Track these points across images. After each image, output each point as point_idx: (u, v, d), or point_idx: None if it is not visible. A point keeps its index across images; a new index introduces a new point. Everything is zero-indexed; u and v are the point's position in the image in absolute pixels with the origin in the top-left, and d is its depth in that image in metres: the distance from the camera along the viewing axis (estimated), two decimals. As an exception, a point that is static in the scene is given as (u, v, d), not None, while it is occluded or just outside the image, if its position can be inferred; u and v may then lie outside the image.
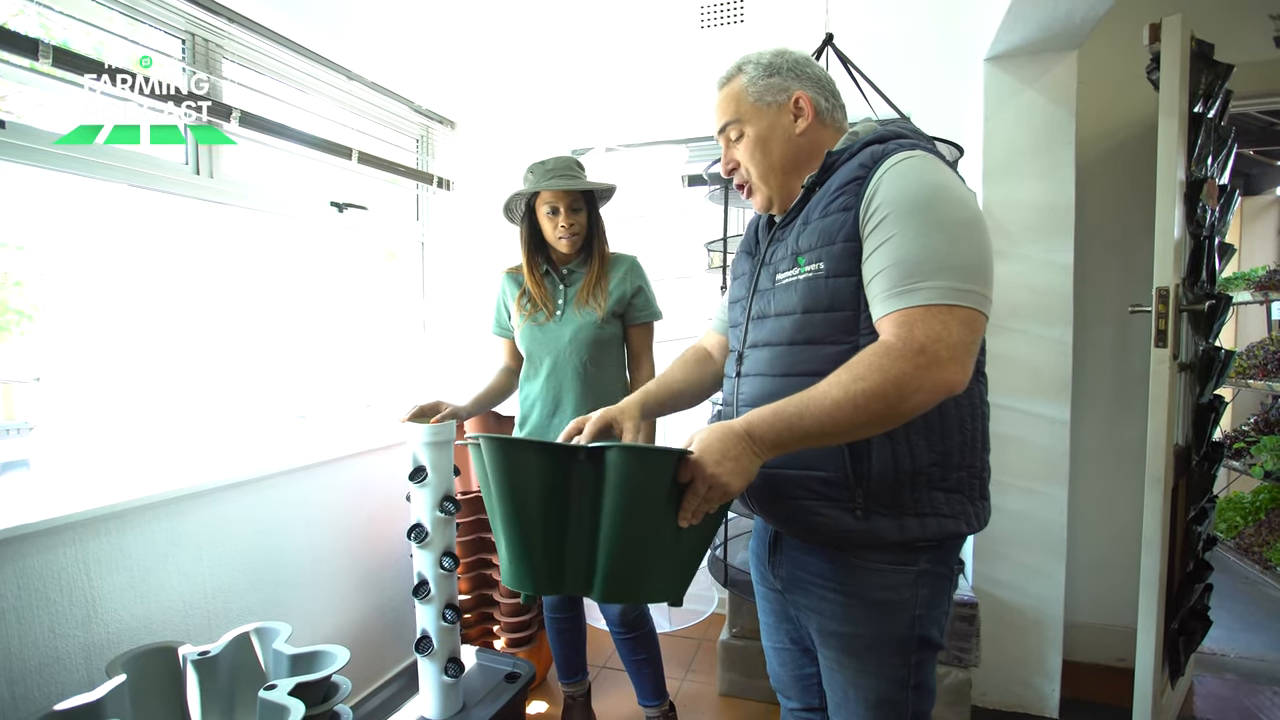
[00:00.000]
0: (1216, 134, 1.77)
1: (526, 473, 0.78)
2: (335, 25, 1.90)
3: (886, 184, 0.81)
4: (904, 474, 0.84)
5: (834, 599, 0.90)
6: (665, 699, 1.76)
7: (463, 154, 2.57)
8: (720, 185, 2.06)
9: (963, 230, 0.78)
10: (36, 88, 1.33)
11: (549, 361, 1.62)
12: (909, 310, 0.76)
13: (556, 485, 0.78)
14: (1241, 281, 2.33)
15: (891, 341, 0.75)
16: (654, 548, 0.78)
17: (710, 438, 0.76)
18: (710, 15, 2.34)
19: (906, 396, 0.73)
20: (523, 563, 0.81)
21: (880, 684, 0.89)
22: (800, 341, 0.88)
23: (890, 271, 0.78)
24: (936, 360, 0.73)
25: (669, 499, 0.77)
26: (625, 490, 0.75)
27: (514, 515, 0.79)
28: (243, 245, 1.78)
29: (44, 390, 1.42)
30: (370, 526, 1.94)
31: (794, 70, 0.95)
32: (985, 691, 1.96)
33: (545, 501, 0.78)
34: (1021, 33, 1.71)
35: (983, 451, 0.89)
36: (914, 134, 0.92)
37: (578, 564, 0.80)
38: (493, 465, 0.79)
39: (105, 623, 1.28)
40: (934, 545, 0.87)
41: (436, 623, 1.55)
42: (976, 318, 0.76)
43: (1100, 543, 2.17)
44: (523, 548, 0.80)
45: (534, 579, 0.81)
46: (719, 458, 0.75)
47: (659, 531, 0.78)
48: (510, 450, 0.79)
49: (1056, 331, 1.87)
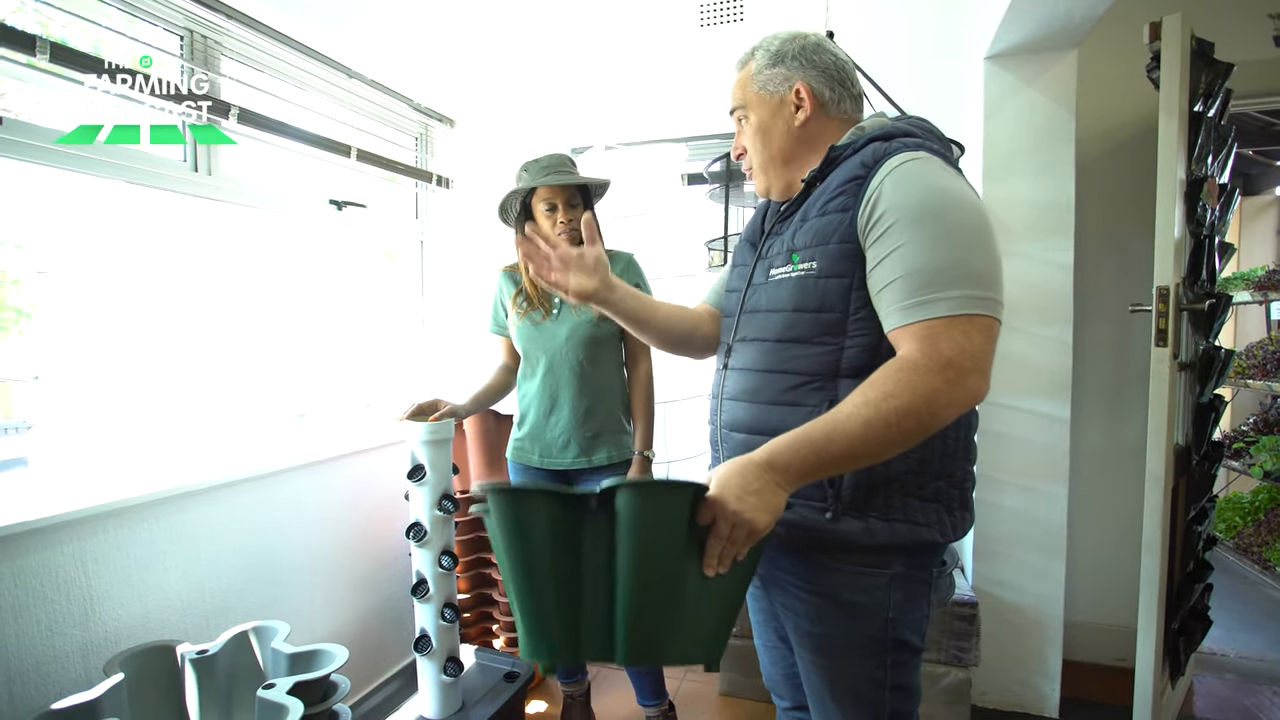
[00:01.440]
0: (1216, 133, 1.76)
1: (535, 527, 0.72)
2: (334, 22, 1.89)
3: (890, 188, 0.79)
4: (877, 479, 0.83)
5: (807, 599, 0.90)
6: (664, 698, 1.76)
7: (462, 152, 2.57)
8: (720, 183, 2.06)
9: (976, 237, 0.77)
10: (35, 84, 1.33)
11: (545, 360, 1.62)
12: (931, 322, 0.74)
13: (569, 540, 0.73)
14: (1241, 281, 2.33)
15: (916, 357, 0.73)
16: (677, 599, 0.72)
17: (729, 473, 0.72)
18: (710, 13, 2.34)
19: (937, 412, 0.72)
20: (538, 631, 0.74)
21: (856, 684, 0.89)
22: (788, 339, 0.87)
23: (904, 282, 0.76)
24: (963, 373, 0.72)
25: (689, 543, 0.71)
26: (638, 534, 0.70)
27: (525, 577, 0.73)
28: (242, 243, 1.78)
29: (42, 388, 1.41)
30: (369, 525, 1.94)
31: (800, 58, 0.94)
32: (985, 691, 1.96)
33: (556, 560, 0.73)
34: (1022, 31, 1.71)
35: (964, 461, 0.88)
36: (923, 132, 0.89)
37: (597, 626, 0.74)
38: (500, 521, 0.74)
39: (103, 621, 1.27)
40: (906, 550, 0.85)
41: (435, 622, 1.54)
42: (994, 325, 0.76)
43: (1100, 542, 2.17)
44: (537, 614, 0.74)
45: (551, 648, 0.74)
46: (740, 493, 0.70)
47: (682, 581, 0.71)
48: (517, 503, 0.73)
49: (1056, 330, 1.87)
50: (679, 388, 2.11)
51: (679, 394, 2.14)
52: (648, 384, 1.66)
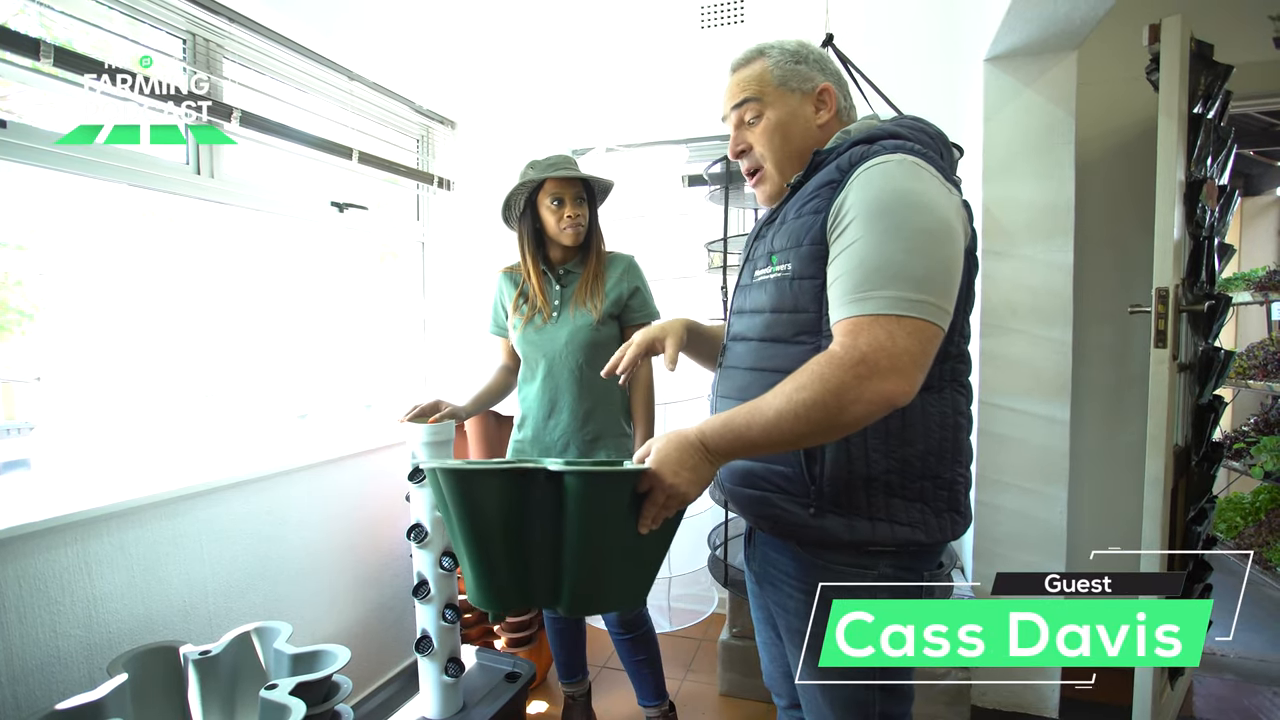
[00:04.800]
0: (1216, 134, 1.77)
1: (486, 501, 0.79)
2: (336, 25, 1.90)
3: (855, 189, 0.80)
4: (858, 477, 0.84)
5: (798, 596, 0.91)
6: (665, 699, 1.76)
7: (463, 154, 2.57)
8: (721, 185, 2.07)
9: (923, 239, 0.76)
10: (37, 87, 1.33)
11: (545, 364, 1.62)
12: (857, 319, 0.75)
13: (516, 508, 0.79)
14: (1241, 282, 2.33)
15: (835, 350, 0.75)
16: (618, 559, 0.80)
17: (667, 448, 0.78)
18: (710, 15, 2.35)
19: (846, 407, 0.72)
20: (488, 583, 0.81)
21: (844, 684, 0.89)
22: (769, 339, 0.89)
23: (846, 278, 0.77)
24: (877, 370, 0.71)
25: (629, 511, 0.79)
26: (587, 512, 0.77)
27: (475, 540, 0.80)
28: (244, 245, 1.79)
29: (45, 390, 1.42)
30: (370, 526, 1.94)
31: (819, 63, 0.95)
32: (985, 691, 1.96)
33: (506, 525, 0.79)
34: (1021, 33, 1.71)
35: (953, 463, 0.87)
36: (913, 132, 0.88)
37: (543, 580, 0.81)
38: (452, 496, 0.79)
39: (106, 622, 1.28)
40: (892, 551, 0.86)
41: (436, 622, 1.55)
42: (927, 329, 0.74)
43: (1100, 543, 2.17)
44: (486, 569, 0.81)
45: (500, 599, 0.82)
46: (676, 468, 0.77)
47: (622, 543, 0.79)
48: (468, 481, 0.79)
49: (1056, 331, 1.87)
50: (679, 389, 2.12)
51: (679, 395, 2.15)
52: (648, 387, 1.66)
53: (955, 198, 0.82)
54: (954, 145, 1.72)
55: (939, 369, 0.84)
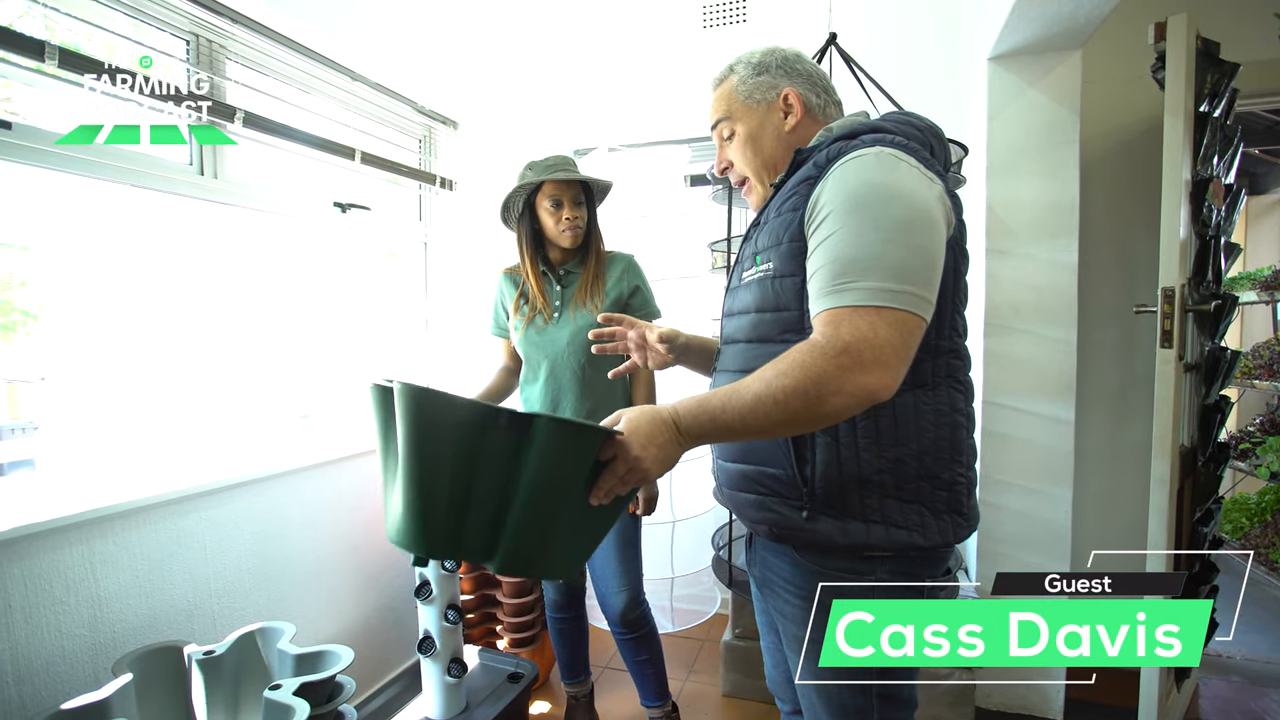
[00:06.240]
0: (1222, 133, 1.76)
1: (442, 428, 0.74)
2: (338, 26, 1.90)
3: (832, 182, 0.80)
4: (849, 478, 0.82)
5: (796, 603, 0.90)
6: (668, 699, 1.76)
7: (465, 154, 2.57)
8: (723, 185, 2.06)
9: (901, 229, 0.75)
10: (41, 89, 1.34)
11: (547, 365, 1.62)
12: (837, 310, 0.74)
13: (472, 447, 0.74)
14: (1247, 281, 2.31)
15: (817, 339, 0.73)
16: (565, 523, 0.76)
17: (640, 419, 0.75)
18: (712, 15, 2.34)
19: (826, 397, 0.71)
20: (422, 524, 0.76)
21: (842, 691, 0.88)
22: (755, 339, 0.89)
23: (824, 270, 0.77)
24: (860, 362, 0.70)
25: (589, 474, 0.75)
26: (549, 462, 0.73)
27: (420, 470, 0.74)
28: (247, 246, 1.79)
29: (49, 390, 1.42)
30: (373, 526, 1.94)
31: (783, 68, 0.96)
32: (989, 693, 1.95)
33: (457, 462, 0.74)
34: (1025, 32, 1.70)
35: (953, 463, 0.84)
36: (898, 126, 0.87)
37: (480, 532, 0.76)
38: (406, 415, 0.74)
39: (111, 622, 1.28)
40: (889, 556, 0.84)
41: (439, 623, 1.55)
42: (908, 320, 0.73)
43: (1104, 544, 2.16)
44: (423, 506, 0.75)
45: (430, 541, 0.77)
46: (645, 441, 0.74)
47: (571, 508, 0.76)
48: (429, 402, 0.74)
49: (1061, 331, 1.86)
50: (680, 391, 2.11)
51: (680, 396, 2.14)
52: (650, 387, 1.66)
53: (937, 187, 0.80)
54: (958, 143, 1.73)
55: (933, 365, 0.83)
